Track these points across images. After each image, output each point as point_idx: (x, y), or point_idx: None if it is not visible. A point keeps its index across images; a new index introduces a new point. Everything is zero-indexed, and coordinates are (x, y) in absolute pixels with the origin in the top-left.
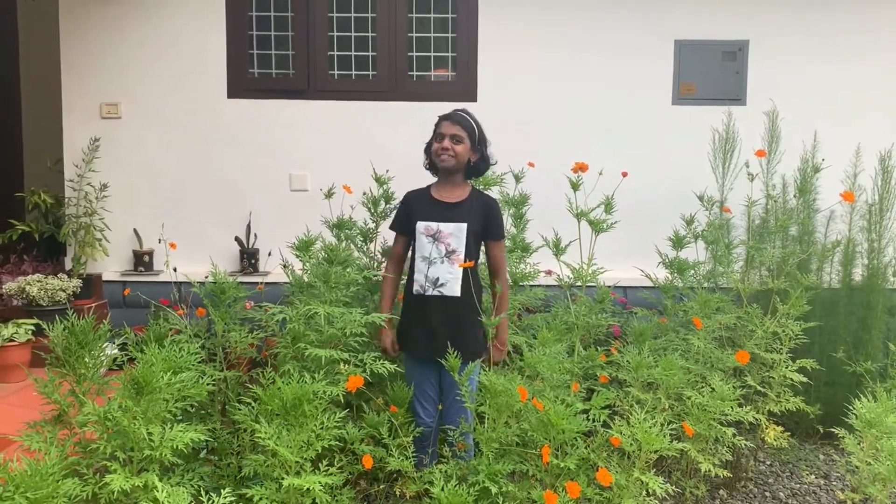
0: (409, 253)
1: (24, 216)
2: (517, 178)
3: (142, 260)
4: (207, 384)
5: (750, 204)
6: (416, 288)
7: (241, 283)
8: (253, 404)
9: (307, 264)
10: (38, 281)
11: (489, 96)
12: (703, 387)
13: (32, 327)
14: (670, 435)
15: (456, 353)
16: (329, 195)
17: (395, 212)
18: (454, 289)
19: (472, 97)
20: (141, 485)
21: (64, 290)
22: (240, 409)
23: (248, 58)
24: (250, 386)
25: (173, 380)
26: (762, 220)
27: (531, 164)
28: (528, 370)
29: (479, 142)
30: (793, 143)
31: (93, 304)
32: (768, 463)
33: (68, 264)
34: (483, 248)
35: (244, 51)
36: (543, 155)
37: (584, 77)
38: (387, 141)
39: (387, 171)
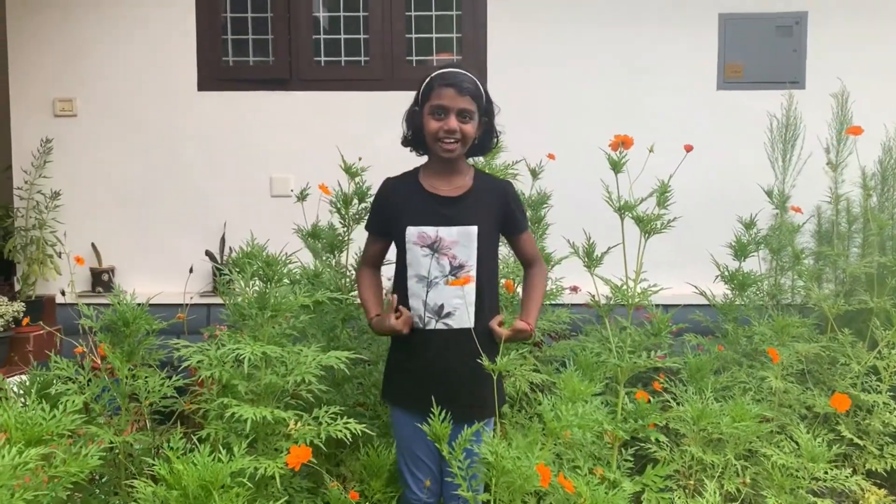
0: (400, 269)
1: None
2: (534, 174)
3: (100, 279)
4: (95, 454)
5: (835, 200)
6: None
7: (213, 304)
8: (153, 486)
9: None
10: None
11: (501, 82)
12: (782, 439)
13: None
14: None
15: (468, 409)
16: (302, 198)
17: (370, 209)
18: (465, 318)
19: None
20: None
21: (1, 316)
22: (142, 493)
23: (221, 44)
24: (153, 458)
25: (23, 456)
26: (831, 223)
27: (551, 157)
28: (551, 437)
29: (485, 111)
30: (866, 130)
31: (41, 332)
32: None
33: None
34: (504, 244)
35: (217, 36)
36: (566, 148)
37: (614, 58)
38: (381, 137)
39: (359, 158)
